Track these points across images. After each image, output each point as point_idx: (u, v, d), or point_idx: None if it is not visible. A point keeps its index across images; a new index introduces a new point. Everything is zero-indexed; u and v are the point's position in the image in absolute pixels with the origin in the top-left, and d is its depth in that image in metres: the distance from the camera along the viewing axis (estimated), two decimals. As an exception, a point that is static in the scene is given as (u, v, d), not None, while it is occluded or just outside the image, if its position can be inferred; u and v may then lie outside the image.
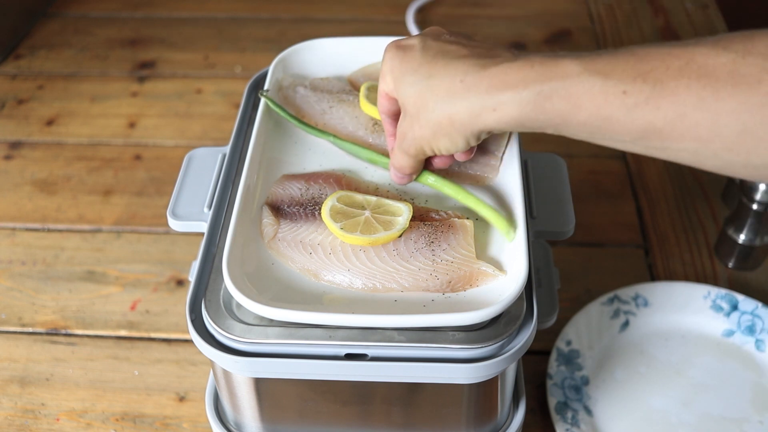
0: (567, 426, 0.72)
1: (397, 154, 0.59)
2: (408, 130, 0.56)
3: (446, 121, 0.53)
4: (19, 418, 0.77)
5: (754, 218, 0.86)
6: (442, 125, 0.53)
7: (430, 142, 0.55)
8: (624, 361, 0.79)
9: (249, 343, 0.53)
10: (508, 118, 0.50)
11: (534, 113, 0.49)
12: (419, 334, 0.53)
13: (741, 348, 0.80)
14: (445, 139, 0.54)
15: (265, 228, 0.59)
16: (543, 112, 0.49)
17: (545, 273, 0.69)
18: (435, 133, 0.54)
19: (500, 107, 0.50)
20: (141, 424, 0.77)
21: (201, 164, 0.69)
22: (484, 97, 0.50)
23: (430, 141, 0.55)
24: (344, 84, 0.72)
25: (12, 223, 0.99)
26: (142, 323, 0.86)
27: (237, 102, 1.17)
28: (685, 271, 0.90)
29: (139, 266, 0.92)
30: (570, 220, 0.64)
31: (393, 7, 1.38)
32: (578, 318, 0.80)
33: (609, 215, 0.98)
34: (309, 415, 0.60)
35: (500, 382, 0.57)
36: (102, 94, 1.21)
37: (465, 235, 0.57)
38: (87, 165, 1.08)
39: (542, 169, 0.69)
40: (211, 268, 0.58)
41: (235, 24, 1.36)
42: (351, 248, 0.57)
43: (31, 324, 0.86)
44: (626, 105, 0.46)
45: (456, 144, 0.54)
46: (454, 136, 0.53)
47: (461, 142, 0.54)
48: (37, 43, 1.33)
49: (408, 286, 0.55)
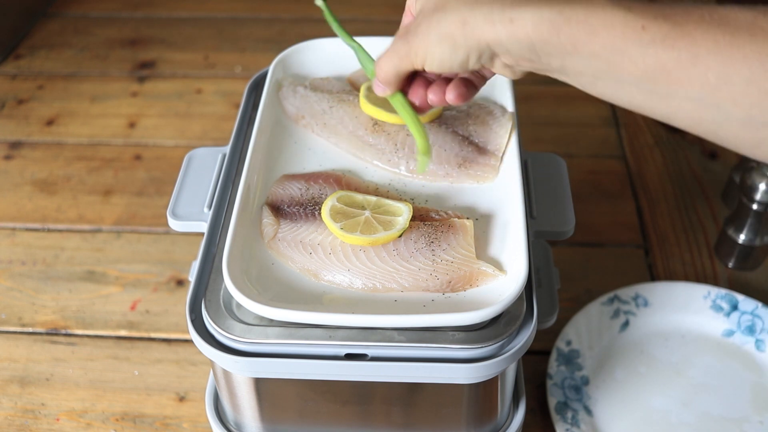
0: (567, 426, 0.72)
1: (386, 53, 0.55)
2: (413, 28, 0.53)
3: (458, 24, 0.50)
4: (19, 418, 0.77)
5: (754, 218, 0.86)
6: (453, 28, 0.50)
7: (429, 45, 0.52)
8: (624, 361, 0.79)
9: (249, 343, 0.53)
10: (522, 33, 0.48)
11: (548, 34, 0.48)
12: (419, 334, 0.53)
13: (741, 348, 0.80)
14: (446, 45, 0.51)
15: (265, 228, 0.59)
16: (557, 34, 0.47)
17: (545, 273, 0.69)
18: (441, 35, 0.51)
19: (517, 19, 0.48)
20: (141, 424, 0.77)
21: (201, 164, 0.69)
22: (505, 7, 0.49)
23: (430, 44, 0.52)
24: (344, 84, 0.72)
25: (12, 223, 0.99)
26: (142, 323, 0.86)
27: (237, 102, 1.17)
28: (685, 271, 0.90)
29: (139, 266, 0.92)
30: (570, 220, 0.64)
31: (393, 7, 1.38)
32: (578, 318, 0.80)
33: (609, 215, 0.98)
34: (309, 415, 0.60)
35: (500, 382, 0.57)
36: (102, 94, 1.21)
37: (465, 235, 0.57)
38: (87, 165, 1.08)
39: (542, 169, 0.69)
40: (211, 268, 0.58)
41: (235, 24, 1.36)
42: (351, 248, 0.57)
43: (31, 324, 0.86)
44: (642, 40, 0.46)
45: (455, 54, 0.51)
46: (459, 43, 0.51)
47: (462, 53, 0.51)
48: (37, 43, 1.33)
49: (408, 286, 0.55)
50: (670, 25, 0.45)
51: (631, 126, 1.12)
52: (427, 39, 0.52)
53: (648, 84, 0.47)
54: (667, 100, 0.47)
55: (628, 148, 1.08)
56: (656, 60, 0.45)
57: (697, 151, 1.08)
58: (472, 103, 0.68)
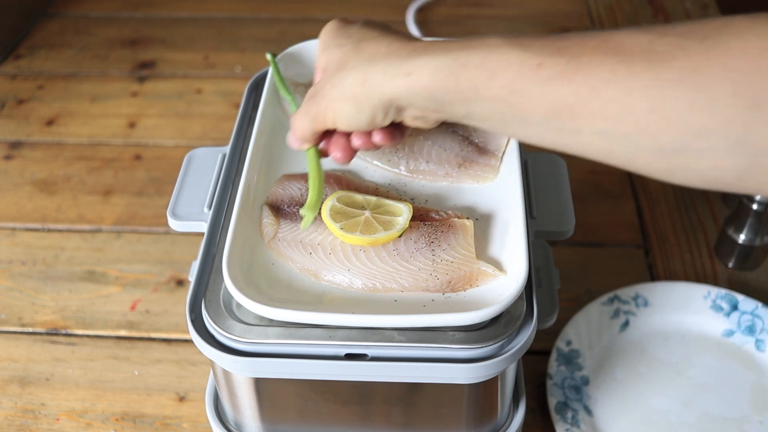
0: (567, 426, 0.72)
1: (299, 113, 0.55)
2: (320, 89, 0.53)
3: (359, 83, 0.50)
4: (19, 418, 0.77)
5: (754, 218, 0.86)
6: (354, 87, 0.50)
7: (335, 105, 0.51)
8: (624, 361, 0.79)
9: (249, 343, 0.53)
10: (420, 85, 0.48)
11: (447, 82, 0.47)
12: (419, 334, 0.53)
13: (741, 348, 0.80)
14: (350, 105, 0.51)
15: (265, 228, 0.59)
16: (456, 81, 0.47)
17: (545, 273, 0.69)
18: (344, 95, 0.51)
19: (415, 71, 0.48)
20: (141, 424, 0.77)
21: (201, 164, 0.69)
22: (402, 60, 0.48)
23: (336, 105, 0.51)
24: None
25: (12, 223, 0.99)
26: (142, 323, 0.86)
27: (237, 102, 1.17)
28: (685, 271, 0.90)
29: (139, 266, 0.92)
30: (570, 220, 0.64)
31: (393, 8, 1.38)
32: (578, 318, 0.80)
33: (609, 215, 0.98)
34: (309, 415, 0.60)
35: (500, 382, 0.57)
36: (102, 94, 1.21)
37: (465, 235, 0.57)
38: (87, 165, 1.08)
39: (542, 169, 0.69)
40: (211, 268, 0.58)
41: (235, 24, 1.36)
42: (351, 248, 0.57)
43: (31, 324, 0.86)
44: (540, 78, 0.44)
45: (360, 113, 0.51)
46: (361, 102, 0.50)
47: (366, 113, 0.50)
48: (37, 43, 1.33)
49: (408, 286, 0.55)
50: (566, 59, 0.44)
51: (631, 126, 1.12)
52: (333, 100, 0.52)
53: (554, 122, 0.45)
54: (576, 136, 0.45)
55: (628, 148, 1.08)
56: (556, 97, 0.44)
57: (697, 151, 1.07)
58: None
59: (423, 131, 0.65)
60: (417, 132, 0.65)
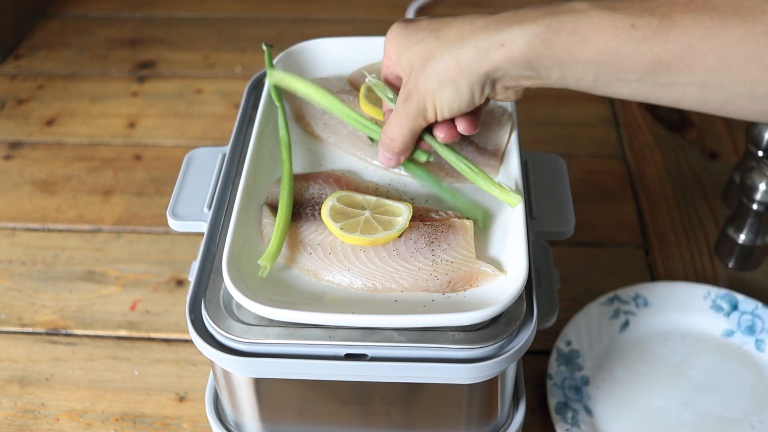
0: (567, 426, 0.72)
1: (393, 122, 0.56)
2: (412, 87, 0.54)
3: (453, 65, 0.51)
4: (19, 418, 0.77)
5: (754, 218, 0.86)
6: (449, 71, 0.51)
7: (434, 95, 0.53)
8: (624, 361, 0.79)
9: (249, 343, 0.53)
10: (517, 53, 0.49)
11: (542, 48, 0.49)
12: (419, 334, 0.53)
13: (741, 348, 0.80)
14: (450, 89, 0.52)
15: (265, 228, 0.59)
16: (551, 47, 0.48)
17: (545, 273, 0.69)
18: (440, 81, 0.52)
19: (509, 42, 0.49)
20: (141, 424, 0.77)
21: (201, 164, 0.69)
22: (492, 34, 0.50)
23: (434, 94, 0.53)
24: (344, 84, 0.72)
25: (12, 223, 0.99)
26: (142, 323, 0.86)
27: (237, 102, 1.17)
28: (685, 271, 0.90)
29: (139, 266, 0.92)
30: (570, 220, 0.64)
31: (393, 7, 1.38)
32: (578, 318, 0.80)
33: (609, 215, 0.98)
34: (309, 415, 0.60)
35: (500, 382, 0.57)
36: (102, 94, 1.21)
37: (465, 235, 0.57)
38: (87, 165, 1.08)
39: (542, 169, 0.69)
40: (211, 268, 0.58)
41: (235, 24, 1.36)
42: (351, 248, 0.57)
43: (31, 324, 0.86)
44: (634, 38, 0.46)
45: (461, 94, 0.52)
46: (460, 82, 0.52)
47: (466, 92, 0.52)
48: (37, 43, 1.33)
49: (408, 286, 0.55)
50: (657, 18, 0.46)
51: (631, 126, 1.12)
52: (430, 90, 0.53)
53: (649, 78, 0.47)
54: (671, 88, 0.48)
55: (628, 148, 1.08)
56: (652, 54, 0.46)
57: (697, 151, 1.08)
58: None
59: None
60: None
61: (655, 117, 1.14)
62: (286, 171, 0.61)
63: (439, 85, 0.52)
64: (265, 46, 0.71)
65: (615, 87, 0.50)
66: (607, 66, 0.48)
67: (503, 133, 0.65)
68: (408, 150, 0.58)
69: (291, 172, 0.62)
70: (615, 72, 0.48)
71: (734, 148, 1.08)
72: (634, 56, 0.47)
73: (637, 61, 0.47)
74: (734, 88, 0.46)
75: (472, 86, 0.52)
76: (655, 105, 1.15)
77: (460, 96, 0.53)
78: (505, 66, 0.50)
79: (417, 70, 0.53)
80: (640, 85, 0.48)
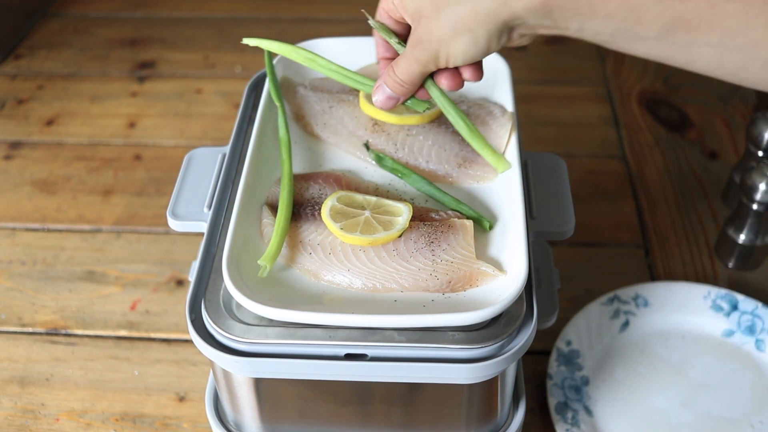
0: (567, 426, 0.72)
1: (402, 64, 0.55)
2: (423, 34, 0.53)
3: (469, 14, 0.50)
4: (19, 418, 0.77)
5: (754, 218, 0.86)
6: (465, 20, 0.50)
7: (447, 44, 0.52)
8: (624, 361, 0.79)
9: (249, 343, 0.53)
10: (537, 2, 0.48)
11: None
12: (419, 334, 0.53)
13: (741, 348, 0.80)
14: (466, 38, 0.51)
15: (265, 228, 0.59)
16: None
17: (545, 273, 0.69)
18: (455, 30, 0.51)
19: None
20: (141, 424, 0.77)
21: (201, 164, 0.69)
22: None
23: (448, 42, 0.52)
24: (344, 84, 0.72)
25: (12, 223, 0.99)
26: (142, 323, 0.86)
27: (237, 102, 1.17)
28: (685, 271, 0.90)
29: (139, 266, 0.92)
30: (570, 220, 0.64)
31: (393, 7, 1.38)
32: (578, 318, 0.80)
33: (609, 215, 0.98)
34: (309, 415, 0.60)
35: (500, 382, 0.57)
36: (102, 94, 1.21)
37: (465, 235, 0.57)
38: (87, 165, 1.08)
39: (542, 169, 0.69)
40: (211, 268, 0.58)
41: (235, 24, 1.36)
42: (351, 248, 0.57)
43: (31, 324, 0.86)
44: None
45: (477, 44, 0.51)
46: (477, 31, 0.50)
47: (483, 41, 0.51)
48: (37, 43, 1.33)
49: (408, 286, 0.55)
50: None
51: (631, 126, 1.12)
52: (444, 39, 0.52)
53: (668, 36, 0.47)
54: (687, 48, 0.47)
55: (628, 148, 1.08)
56: (674, 12, 0.46)
57: (697, 151, 1.08)
58: (472, 103, 0.68)
59: (421, 131, 0.65)
60: (416, 132, 0.65)
61: (655, 117, 1.14)
62: (286, 171, 0.61)
63: (454, 33, 0.51)
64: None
65: (631, 44, 0.49)
66: (627, 21, 0.47)
67: (503, 133, 0.65)
68: (411, 93, 0.58)
69: (291, 172, 0.62)
70: (634, 28, 0.47)
71: (734, 148, 1.08)
72: (656, 12, 0.46)
73: (659, 18, 0.46)
74: (752, 53, 0.45)
75: (489, 35, 0.51)
76: (655, 105, 1.16)
77: (476, 45, 0.51)
78: (524, 15, 0.49)
79: (428, 17, 0.52)
80: (657, 42, 0.48)
